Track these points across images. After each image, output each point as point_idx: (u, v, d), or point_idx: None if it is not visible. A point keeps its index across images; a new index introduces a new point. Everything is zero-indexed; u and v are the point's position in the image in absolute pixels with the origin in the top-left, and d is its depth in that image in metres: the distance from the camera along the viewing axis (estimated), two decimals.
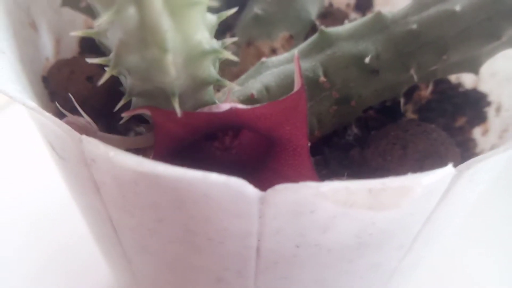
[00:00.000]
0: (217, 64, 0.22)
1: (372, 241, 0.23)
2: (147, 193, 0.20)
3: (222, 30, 0.36)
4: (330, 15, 0.40)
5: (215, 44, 0.19)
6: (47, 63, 0.33)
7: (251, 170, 0.24)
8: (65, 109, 0.29)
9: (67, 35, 0.36)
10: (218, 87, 0.32)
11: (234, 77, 0.34)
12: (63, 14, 0.35)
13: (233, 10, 0.20)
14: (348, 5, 0.44)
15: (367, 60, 0.26)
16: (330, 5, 0.42)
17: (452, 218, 0.25)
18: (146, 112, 0.19)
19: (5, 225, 0.44)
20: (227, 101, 0.22)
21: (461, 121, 0.33)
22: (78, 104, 0.30)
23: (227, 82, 0.21)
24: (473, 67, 0.28)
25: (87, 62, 0.32)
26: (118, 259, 0.29)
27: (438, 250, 0.31)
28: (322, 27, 0.28)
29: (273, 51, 0.34)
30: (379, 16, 0.27)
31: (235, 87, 0.22)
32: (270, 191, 0.19)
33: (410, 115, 0.33)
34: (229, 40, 0.22)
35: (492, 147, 0.30)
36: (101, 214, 0.25)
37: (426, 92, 0.33)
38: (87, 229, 0.32)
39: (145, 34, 0.15)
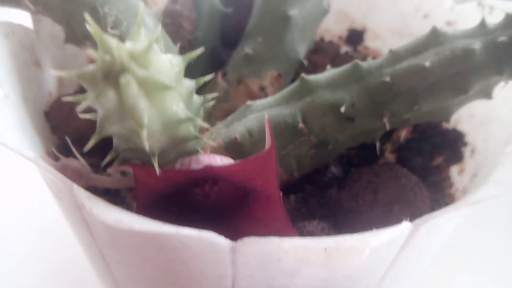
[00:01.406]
0: (206, 124, 0.24)
1: (339, 284, 0.25)
2: (131, 237, 0.23)
3: (214, 67, 0.38)
4: (321, 50, 0.42)
5: (190, 109, 0.21)
6: (50, 97, 0.35)
7: (229, 213, 0.26)
8: (65, 142, 0.32)
9: (70, 69, 0.38)
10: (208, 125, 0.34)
11: (224, 112, 0.36)
12: (66, 50, 0.37)
13: (209, 76, 0.22)
14: (340, 38, 0.46)
15: (342, 109, 0.28)
16: (321, 40, 0.44)
17: (417, 262, 0.27)
18: (128, 169, 0.21)
19: (10, 238, 0.46)
20: (206, 152, 0.24)
21: (438, 160, 0.35)
22: (76, 138, 0.32)
23: (204, 139, 0.23)
24: (444, 116, 0.29)
25: None
26: (110, 285, 0.31)
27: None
28: (303, 75, 0.30)
29: (262, 89, 0.36)
30: (356, 67, 0.29)
31: (212, 143, 0.24)
32: (239, 242, 0.21)
33: (389, 154, 0.34)
34: (209, 96, 0.24)
35: (464, 190, 0.32)
36: (93, 247, 0.28)
37: (404, 132, 0.35)
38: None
39: (124, 112, 0.18)
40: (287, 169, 0.30)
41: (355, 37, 0.45)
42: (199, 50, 0.21)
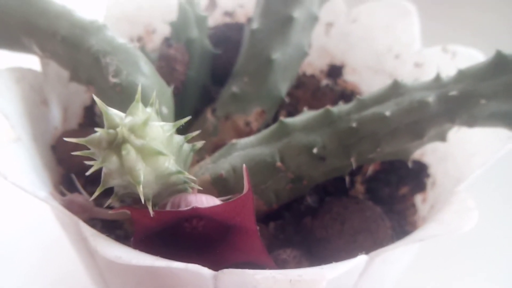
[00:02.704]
0: (192, 177, 0.28)
1: None
2: (128, 266, 0.27)
3: (205, 102, 0.42)
4: (302, 85, 0.46)
5: (179, 161, 0.25)
6: (56, 131, 0.39)
7: (214, 243, 0.30)
8: (70, 173, 0.36)
9: (74, 104, 0.42)
10: (199, 159, 0.38)
11: (213, 145, 0.40)
12: (69, 87, 0.41)
13: (185, 119, 0.25)
14: (321, 71, 0.50)
15: (315, 150, 0.32)
16: (304, 74, 0.48)
17: (378, 286, 0.31)
18: (127, 212, 0.25)
19: (14, 251, 0.49)
20: (194, 192, 0.28)
21: (404, 190, 0.39)
22: (80, 170, 0.36)
23: (192, 184, 0.27)
24: (404, 156, 0.34)
25: (89, 134, 0.39)
26: None
27: None
28: (281, 118, 0.34)
29: (247, 124, 0.40)
30: (327, 112, 0.33)
31: (198, 187, 0.28)
32: (220, 272, 0.25)
33: (359, 185, 0.38)
34: (198, 145, 0.28)
35: (424, 218, 0.36)
36: (95, 270, 0.32)
37: (373, 166, 0.39)
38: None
39: (124, 171, 0.22)
40: (267, 202, 0.34)
41: (334, 71, 0.49)
42: (186, 119, 0.25)
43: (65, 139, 0.25)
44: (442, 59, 0.40)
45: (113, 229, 0.34)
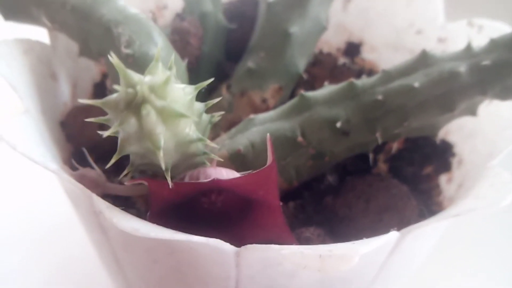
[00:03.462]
0: (215, 145, 0.26)
1: (334, 285, 0.27)
2: (145, 242, 0.25)
3: (219, 79, 0.40)
4: (319, 63, 0.45)
5: (200, 129, 0.23)
6: (65, 107, 0.37)
7: (234, 220, 0.28)
8: (79, 149, 0.34)
9: (83, 80, 0.41)
10: (214, 136, 0.36)
11: (229, 123, 0.38)
12: (79, 62, 0.39)
13: (209, 81, 0.24)
14: (338, 49, 0.48)
15: (338, 124, 0.31)
16: (320, 52, 0.47)
17: (406, 265, 0.30)
18: (144, 183, 0.24)
19: (14, 236, 0.48)
20: (213, 165, 0.26)
21: (428, 170, 0.37)
22: (91, 147, 0.34)
23: (212, 155, 0.25)
24: (432, 131, 0.32)
25: (100, 110, 0.37)
26: (120, 283, 0.33)
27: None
28: (302, 92, 0.32)
29: (264, 101, 0.38)
30: (351, 85, 0.31)
31: (219, 159, 0.26)
32: (243, 248, 0.23)
33: (382, 164, 0.37)
34: (216, 114, 0.27)
35: (450, 198, 0.35)
36: (107, 249, 0.30)
37: (397, 144, 0.37)
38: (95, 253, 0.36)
39: (143, 135, 0.20)
40: (287, 179, 0.32)
41: (352, 49, 0.47)
42: (208, 81, 0.23)
43: (81, 101, 0.22)
44: (467, 33, 0.38)
45: (125, 208, 0.32)
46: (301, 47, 0.39)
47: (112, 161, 0.22)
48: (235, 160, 0.31)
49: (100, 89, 0.41)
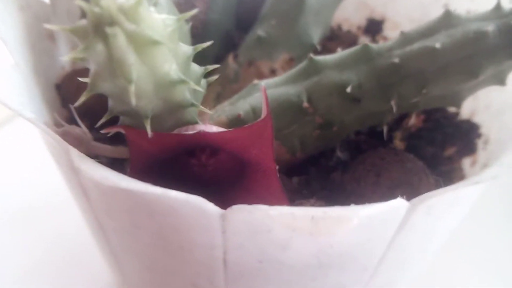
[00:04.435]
0: (201, 89, 0.24)
1: (333, 262, 0.24)
2: (124, 201, 0.23)
3: (227, 49, 0.38)
4: (337, 38, 0.42)
5: (185, 74, 0.21)
6: (63, 71, 0.36)
7: (226, 187, 0.25)
8: (74, 114, 0.32)
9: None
10: (216, 104, 0.34)
11: (234, 93, 0.36)
12: None
13: (208, 43, 0.22)
14: (359, 27, 0.45)
15: (349, 89, 0.28)
16: (339, 28, 0.44)
17: (419, 247, 0.26)
18: (122, 131, 0.21)
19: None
20: (204, 123, 0.24)
21: (450, 151, 0.34)
22: (84, 111, 0.32)
23: (201, 107, 0.23)
24: (455, 101, 0.29)
25: None
26: (108, 256, 0.31)
27: (416, 276, 0.31)
28: (311, 55, 0.29)
29: (273, 72, 0.35)
30: (365, 48, 0.28)
31: (209, 112, 0.24)
32: (228, 210, 0.21)
33: (398, 142, 0.34)
34: (211, 67, 0.24)
35: None
36: (91, 215, 0.28)
37: (416, 120, 0.34)
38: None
39: (113, 67, 0.18)
40: (290, 149, 0.29)
41: (374, 26, 0.44)
42: (208, 43, 0.21)
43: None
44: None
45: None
46: (316, 16, 0.36)
47: (82, 98, 0.20)
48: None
49: None
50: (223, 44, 0.38)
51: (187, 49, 0.21)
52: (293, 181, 0.30)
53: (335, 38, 0.41)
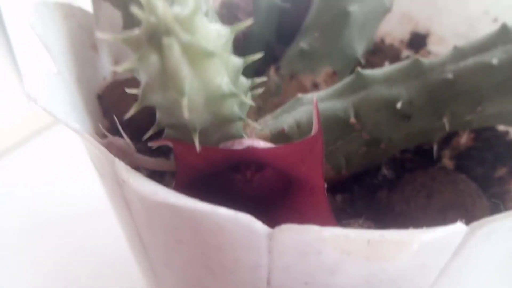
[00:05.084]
0: (247, 103, 0.23)
1: (384, 287, 0.23)
2: (168, 217, 0.22)
3: (267, 62, 0.37)
4: (380, 52, 0.41)
5: (236, 88, 0.20)
6: (104, 82, 0.35)
7: (270, 204, 0.25)
8: (115, 126, 0.32)
9: (125, 57, 0.39)
10: (257, 117, 0.33)
11: (275, 107, 0.35)
12: None
13: (258, 55, 0.21)
14: (401, 41, 0.44)
15: (398, 105, 0.27)
16: (382, 41, 0.43)
17: (472, 275, 0.25)
18: (169, 144, 0.21)
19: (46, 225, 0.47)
20: (251, 137, 0.23)
21: (501, 172, 0.32)
22: (126, 122, 0.32)
23: (249, 121, 0.22)
24: (510, 120, 0.27)
25: (138, 84, 0.35)
26: (146, 270, 0.31)
27: None
28: (359, 69, 0.28)
29: (315, 86, 0.35)
30: (417, 63, 0.27)
31: (257, 126, 0.23)
32: (277, 229, 0.20)
33: (447, 161, 0.32)
34: (258, 80, 0.23)
35: None
36: (131, 228, 0.27)
37: (466, 139, 0.33)
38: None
39: (166, 79, 0.17)
40: (335, 166, 0.28)
41: (417, 40, 0.43)
42: (258, 55, 0.21)
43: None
44: None
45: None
46: (361, 29, 0.35)
47: (132, 111, 0.19)
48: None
49: None
50: (264, 57, 0.38)
51: (238, 61, 0.21)
52: (337, 199, 0.29)
53: (378, 52, 0.40)
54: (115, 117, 0.28)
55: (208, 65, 0.18)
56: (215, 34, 0.18)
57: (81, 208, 0.47)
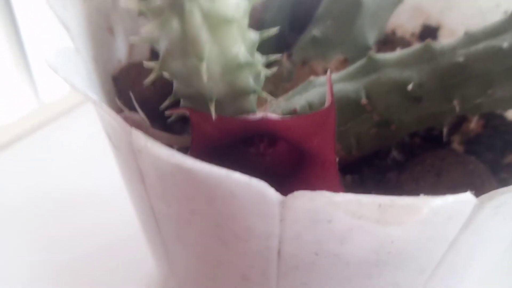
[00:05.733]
0: (260, 77, 0.24)
1: (391, 260, 0.23)
2: (182, 185, 0.23)
3: (280, 49, 0.38)
4: (390, 43, 0.41)
5: (252, 58, 0.21)
6: (119, 64, 0.36)
7: (282, 178, 0.25)
8: (129, 107, 0.33)
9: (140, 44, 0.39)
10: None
11: (286, 92, 0.36)
12: (139, 22, 0.38)
13: (274, 29, 0.22)
14: (412, 34, 0.44)
15: (410, 87, 0.27)
16: (393, 33, 0.43)
17: (481, 251, 0.25)
18: (186, 113, 0.21)
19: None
20: (265, 111, 0.24)
21: (509, 158, 0.33)
22: (140, 103, 0.33)
23: (264, 93, 0.22)
24: None
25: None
26: (157, 247, 0.31)
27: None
28: (371, 53, 0.29)
29: (326, 72, 0.35)
30: (428, 47, 0.28)
31: (272, 99, 0.24)
32: (289, 196, 0.20)
33: (457, 145, 0.33)
34: (273, 56, 0.24)
35: None
36: (144, 202, 0.28)
37: (475, 125, 0.33)
38: (135, 216, 0.34)
39: (186, 45, 0.18)
40: (346, 146, 0.29)
41: (428, 33, 0.43)
42: (274, 30, 0.22)
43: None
44: None
45: None
46: (373, 18, 0.36)
47: (152, 76, 0.20)
48: None
49: (157, 53, 0.40)
50: (276, 44, 0.38)
51: (254, 35, 0.21)
52: (347, 179, 0.30)
53: (389, 43, 0.41)
54: (131, 93, 0.28)
55: (227, 33, 0.18)
56: (234, 4, 0.19)
57: (92, 191, 0.48)
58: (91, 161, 0.52)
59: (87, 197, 0.48)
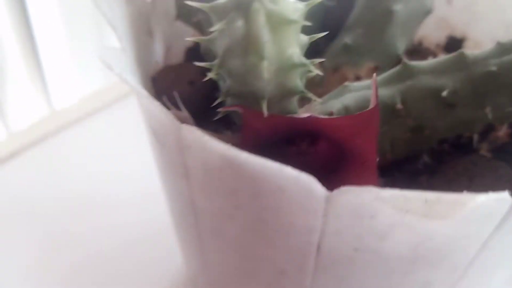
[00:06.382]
0: (304, 79, 0.25)
1: (428, 257, 0.24)
2: (229, 180, 0.24)
3: (312, 55, 0.39)
4: (417, 53, 0.42)
5: (304, 59, 0.22)
6: (156, 65, 0.38)
7: (321, 177, 0.26)
8: (166, 108, 0.34)
9: (177, 45, 0.41)
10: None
11: (318, 97, 0.37)
12: (175, 27, 0.40)
13: (323, 34, 0.23)
14: (437, 45, 0.46)
15: (444, 93, 0.28)
16: (420, 43, 0.44)
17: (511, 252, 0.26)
18: (239, 110, 0.22)
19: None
20: (308, 112, 0.25)
21: None
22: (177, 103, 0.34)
23: (310, 94, 0.24)
24: None
25: (190, 69, 0.37)
26: (191, 242, 0.32)
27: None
28: (405, 60, 0.30)
29: (358, 78, 0.36)
30: (461, 56, 0.29)
31: (317, 99, 0.25)
32: (335, 191, 0.21)
33: (484, 153, 0.34)
34: (317, 60, 0.25)
35: None
36: (185, 197, 0.29)
37: (503, 133, 0.34)
38: (168, 213, 0.35)
39: (248, 43, 0.19)
40: (380, 150, 0.30)
41: (453, 44, 0.44)
42: (320, 35, 0.23)
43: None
44: None
45: None
46: (403, 28, 0.37)
47: (212, 74, 0.21)
48: None
49: (193, 54, 0.41)
50: (309, 51, 0.40)
51: (304, 38, 0.22)
52: (379, 182, 0.31)
53: (415, 53, 0.42)
54: (175, 93, 0.30)
55: (286, 34, 0.19)
56: (293, 7, 0.20)
57: (104, 197, 0.49)
58: (103, 168, 0.53)
59: (99, 203, 0.49)
